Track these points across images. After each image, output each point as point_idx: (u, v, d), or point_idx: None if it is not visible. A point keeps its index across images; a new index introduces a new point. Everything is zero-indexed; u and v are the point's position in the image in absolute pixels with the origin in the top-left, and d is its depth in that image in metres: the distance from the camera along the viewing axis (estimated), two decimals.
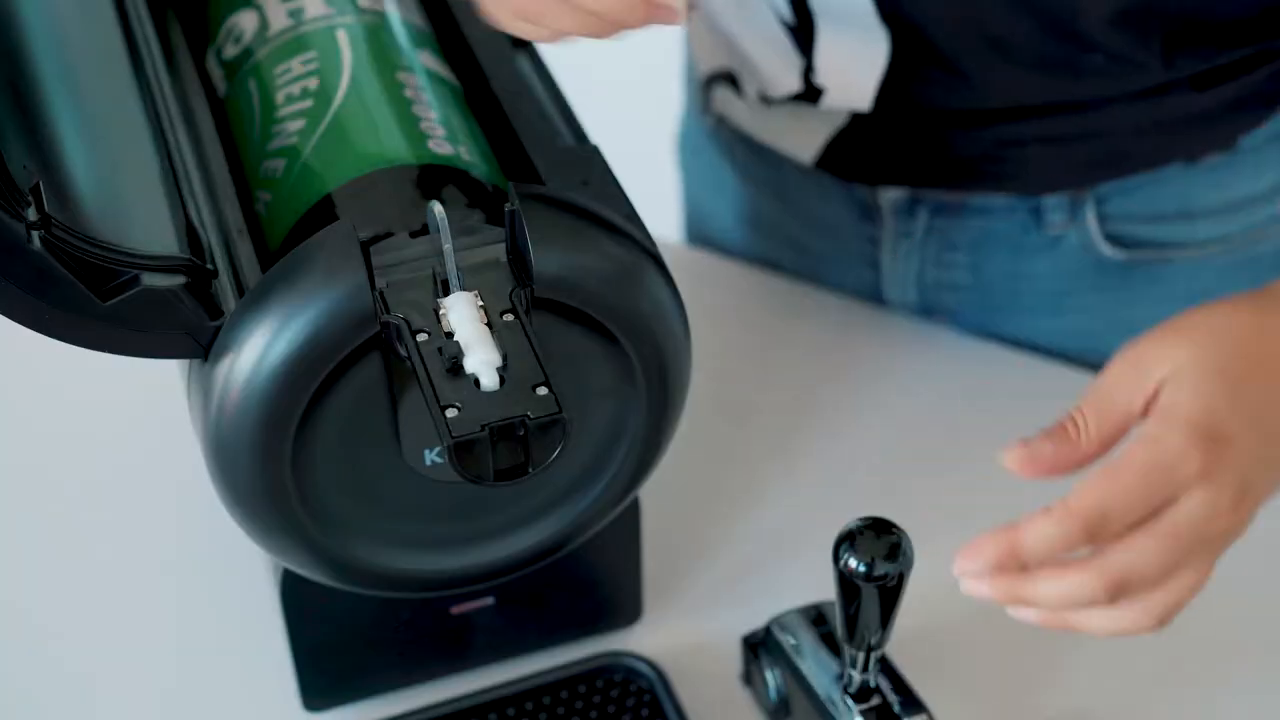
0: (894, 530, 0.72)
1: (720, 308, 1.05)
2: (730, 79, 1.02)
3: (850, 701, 0.76)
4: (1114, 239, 0.97)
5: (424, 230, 0.70)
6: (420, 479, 0.71)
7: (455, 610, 0.81)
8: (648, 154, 1.60)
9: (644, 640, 0.86)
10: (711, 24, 1.00)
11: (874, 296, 1.07)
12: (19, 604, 0.91)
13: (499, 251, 0.67)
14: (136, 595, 0.90)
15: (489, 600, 0.81)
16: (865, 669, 0.75)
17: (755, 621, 0.85)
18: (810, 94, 0.95)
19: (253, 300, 0.65)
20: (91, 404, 1.00)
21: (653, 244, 0.71)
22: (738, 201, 1.10)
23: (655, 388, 0.71)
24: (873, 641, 0.74)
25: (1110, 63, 0.89)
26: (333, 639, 0.81)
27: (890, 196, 1.00)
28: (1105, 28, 0.86)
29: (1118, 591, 0.62)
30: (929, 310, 1.05)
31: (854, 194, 1.02)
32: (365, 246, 0.65)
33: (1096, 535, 0.61)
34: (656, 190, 1.22)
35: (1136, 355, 0.65)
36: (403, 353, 0.64)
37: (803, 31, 0.92)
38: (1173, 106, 0.92)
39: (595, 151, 0.76)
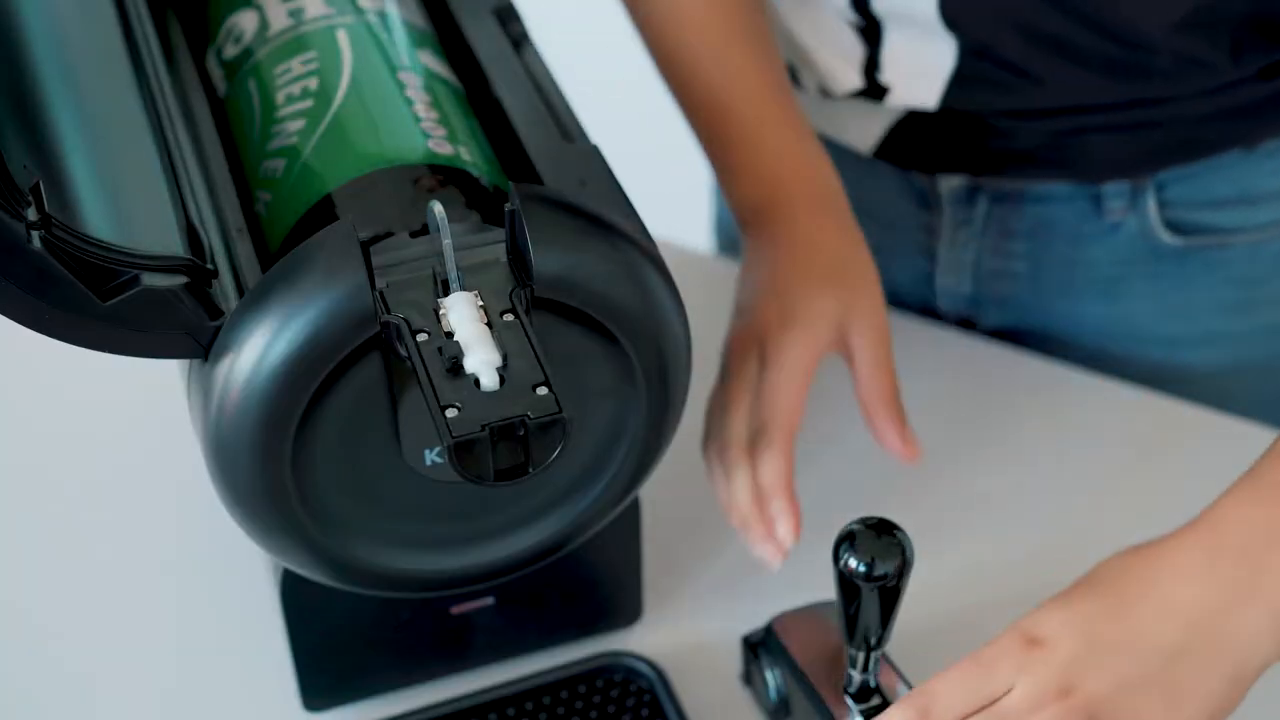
0: (894, 530, 0.72)
1: (720, 308, 1.05)
2: (790, 72, 1.02)
3: (850, 702, 0.76)
4: (1173, 225, 0.97)
5: (424, 230, 0.70)
6: (420, 479, 0.71)
7: (455, 610, 0.81)
8: (648, 154, 1.60)
9: (644, 640, 0.86)
10: (770, 17, 1.00)
11: (926, 286, 1.07)
12: (19, 604, 0.91)
13: (499, 251, 0.67)
14: (136, 595, 0.90)
15: (489, 600, 0.81)
16: (865, 669, 0.75)
17: (755, 621, 0.85)
18: (873, 91, 0.96)
19: (253, 300, 0.65)
20: (91, 404, 1.00)
21: (652, 244, 0.71)
22: None
23: (655, 388, 0.71)
24: (873, 641, 0.74)
25: (1176, 63, 0.89)
26: (333, 639, 0.81)
27: (950, 185, 1.00)
28: (1171, 32, 0.87)
29: None
30: (979, 300, 1.05)
31: (912, 183, 1.02)
32: (365, 246, 0.65)
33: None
34: (657, 190, 1.22)
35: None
36: (403, 353, 0.64)
37: (870, 32, 0.93)
38: (1238, 96, 0.92)
39: (595, 151, 0.76)
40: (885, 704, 0.76)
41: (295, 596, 0.78)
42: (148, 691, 0.86)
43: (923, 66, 0.93)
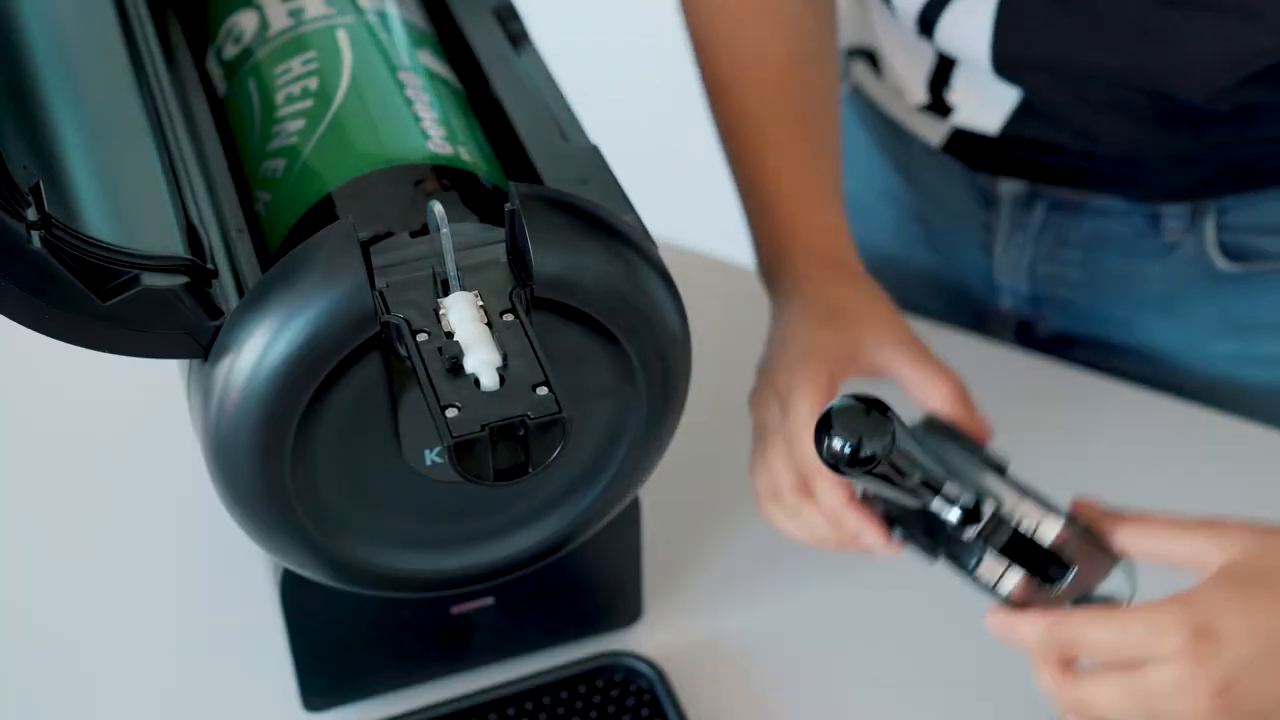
0: (879, 406, 0.67)
1: (720, 308, 1.05)
2: (871, 57, 1.03)
3: (960, 523, 0.72)
4: (1229, 250, 0.97)
5: (424, 230, 0.70)
6: (420, 479, 0.71)
7: (455, 610, 0.81)
8: (648, 154, 1.60)
9: (644, 640, 0.86)
10: (860, 4, 1.01)
11: (988, 283, 1.07)
12: (19, 604, 0.91)
13: (499, 251, 0.67)
14: (136, 595, 0.90)
15: (489, 600, 0.81)
16: (955, 498, 0.71)
17: (755, 621, 0.85)
18: (938, 107, 0.98)
19: (253, 300, 0.65)
20: (91, 404, 1.00)
21: (652, 244, 0.71)
22: (867, 170, 1.11)
23: (655, 388, 0.71)
24: (936, 484, 0.70)
25: (1236, 111, 0.89)
26: (333, 639, 0.81)
27: (1010, 188, 1.01)
28: (1233, 89, 0.87)
29: (1074, 710, 0.69)
30: (1039, 300, 1.05)
31: (976, 181, 1.03)
32: (365, 246, 0.65)
33: (1066, 651, 0.68)
34: (657, 190, 1.22)
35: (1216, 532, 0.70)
36: (403, 353, 0.64)
37: (942, 62, 0.95)
38: None
39: (595, 151, 0.76)
40: (995, 516, 0.72)
41: (295, 596, 0.78)
42: (148, 691, 0.86)
43: (987, 99, 0.94)
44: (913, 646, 0.87)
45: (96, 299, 0.65)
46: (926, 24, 0.91)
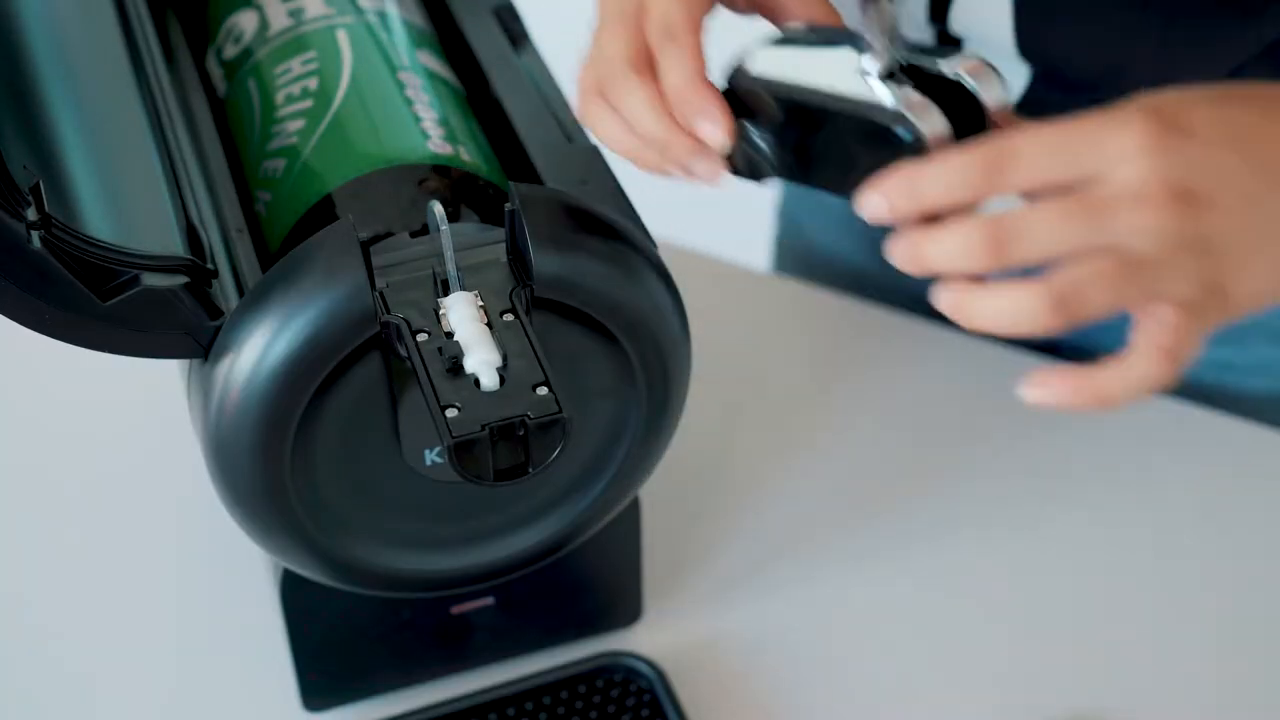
0: None
1: (720, 308, 1.05)
2: None
3: (882, 86, 0.59)
4: None
5: (424, 230, 0.70)
6: (420, 479, 0.71)
7: (455, 610, 0.81)
8: None
9: (644, 640, 0.86)
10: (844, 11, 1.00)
11: None
12: (19, 604, 0.91)
13: (499, 251, 0.67)
14: (136, 595, 0.90)
15: (489, 600, 0.81)
16: (890, 38, 0.59)
17: (755, 622, 0.85)
18: None
19: (253, 300, 0.65)
20: (91, 404, 1.00)
21: (652, 244, 0.71)
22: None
23: (655, 388, 0.71)
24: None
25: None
26: (333, 639, 0.81)
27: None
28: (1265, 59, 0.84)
29: (1000, 249, 0.54)
30: None
31: None
32: (365, 246, 0.65)
33: (996, 177, 0.54)
34: (657, 191, 1.22)
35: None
36: (403, 353, 0.64)
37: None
38: None
39: (595, 151, 0.76)
40: (938, 73, 0.60)
41: (295, 596, 0.78)
42: (148, 691, 0.86)
43: None
44: (913, 646, 0.87)
45: (96, 299, 0.65)
46: (939, 9, 0.89)
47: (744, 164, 0.67)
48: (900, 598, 0.89)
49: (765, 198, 1.16)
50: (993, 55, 0.90)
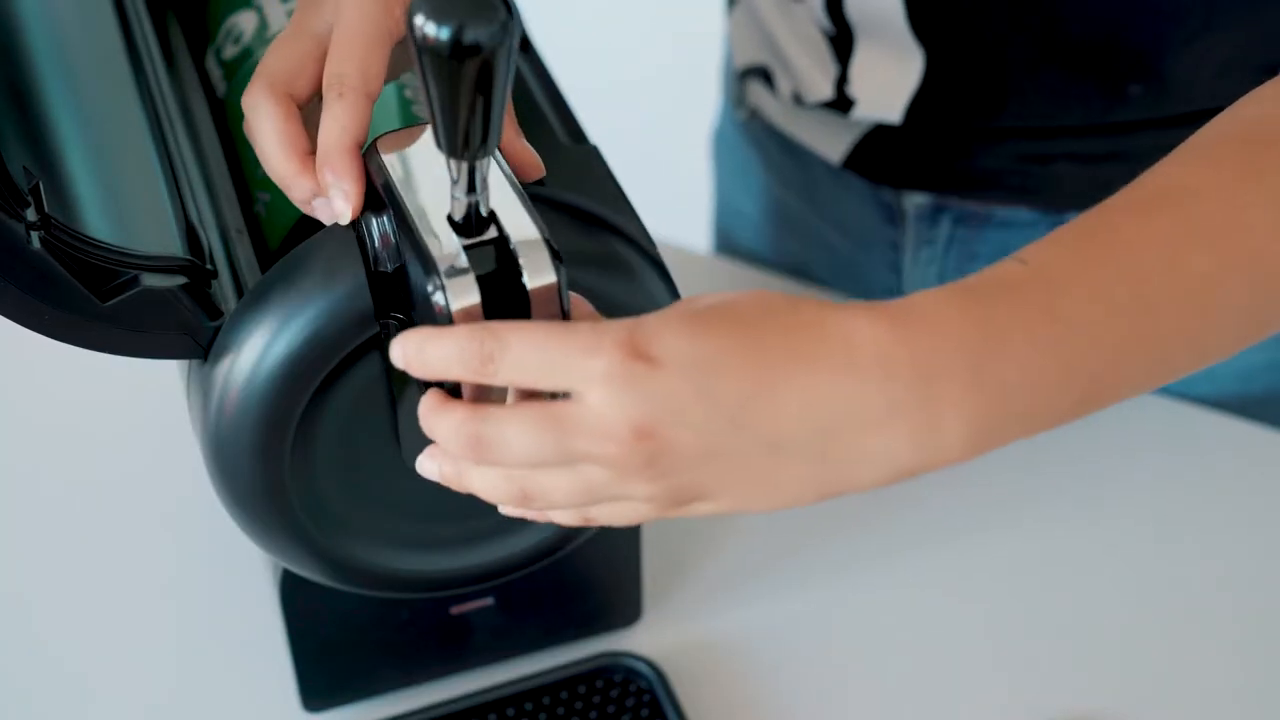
0: None
1: None
2: (765, 75, 1.02)
3: (449, 230, 0.58)
4: None
5: None
6: (420, 479, 0.70)
7: (455, 610, 0.81)
8: (648, 155, 1.60)
9: (644, 640, 0.86)
10: (753, 18, 1.00)
11: (898, 295, 1.06)
12: (18, 604, 0.91)
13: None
14: (136, 595, 0.90)
15: (489, 600, 0.81)
16: (471, 187, 0.57)
17: (755, 621, 0.85)
18: (841, 103, 0.95)
19: (252, 300, 0.65)
20: (91, 404, 1.00)
21: (652, 244, 0.71)
22: (768, 200, 1.10)
23: None
24: (475, 142, 0.54)
25: (1152, 88, 0.88)
26: (333, 639, 0.81)
27: (914, 201, 1.00)
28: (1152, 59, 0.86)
29: (480, 451, 0.56)
30: None
31: (880, 196, 1.02)
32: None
33: (487, 366, 0.54)
34: (657, 191, 1.22)
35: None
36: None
37: (841, 42, 0.92)
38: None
39: (595, 152, 0.76)
40: (502, 239, 0.58)
41: (295, 596, 0.78)
42: (147, 691, 0.86)
43: (889, 80, 0.92)
44: (913, 646, 0.87)
45: (96, 299, 0.64)
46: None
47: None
48: (899, 598, 0.89)
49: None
50: (890, 38, 0.89)
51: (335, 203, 0.62)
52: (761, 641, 0.87)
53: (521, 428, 0.54)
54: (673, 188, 1.60)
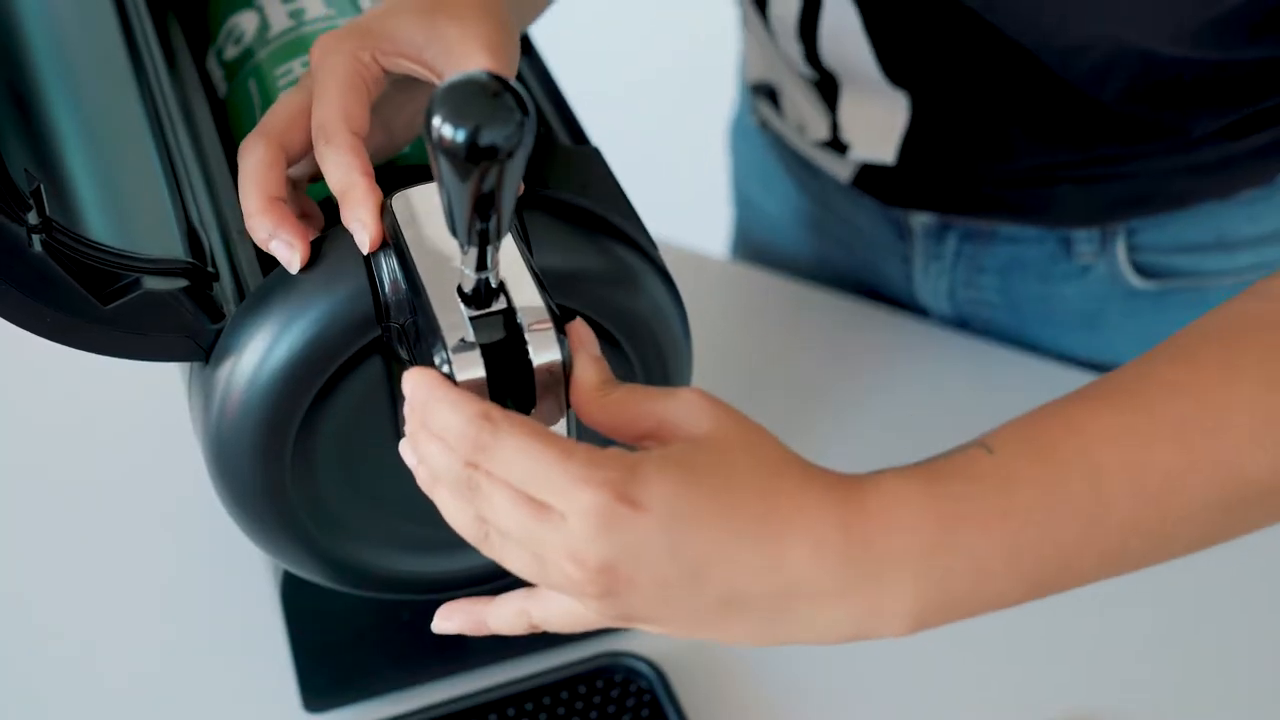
0: (509, 89, 0.53)
1: (720, 308, 1.06)
2: (773, 96, 1.02)
3: (460, 302, 0.60)
4: (1144, 270, 0.96)
5: None
6: None
7: None
8: (649, 156, 1.60)
9: (644, 640, 0.86)
10: (761, 43, 1.00)
11: (912, 299, 1.07)
12: (19, 604, 0.91)
13: None
14: (137, 595, 0.90)
15: None
16: (483, 264, 0.58)
17: None
18: (837, 145, 0.97)
19: (253, 303, 0.65)
20: (92, 405, 1.00)
21: (653, 245, 0.71)
22: (786, 197, 1.11)
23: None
24: (490, 231, 0.56)
25: (1133, 126, 0.89)
26: (333, 639, 0.81)
27: (921, 220, 1.01)
28: (1121, 100, 0.86)
29: (478, 538, 0.59)
30: (964, 320, 1.05)
31: (888, 213, 1.03)
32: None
33: (480, 455, 0.56)
34: (658, 192, 1.22)
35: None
36: (404, 356, 0.65)
37: (826, 87, 0.93)
38: (1207, 154, 0.91)
39: (596, 153, 0.76)
40: (510, 311, 0.60)
41: (295, 596, 0.78)
42: (148, 691, 0.86)
43: (878, 123, 0.93)
44: (912, 647, 0.87)
45: (97, 302, 0.65)
46: (808, 38, 0.90)
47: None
48: None
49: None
50: (870, 83, 0.90)
51: (356, 231, 0.64)
52: None
53: (512, 516, 0.56)
54: (687, 192, 1.61)
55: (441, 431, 0.57)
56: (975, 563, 0.58)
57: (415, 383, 0.57)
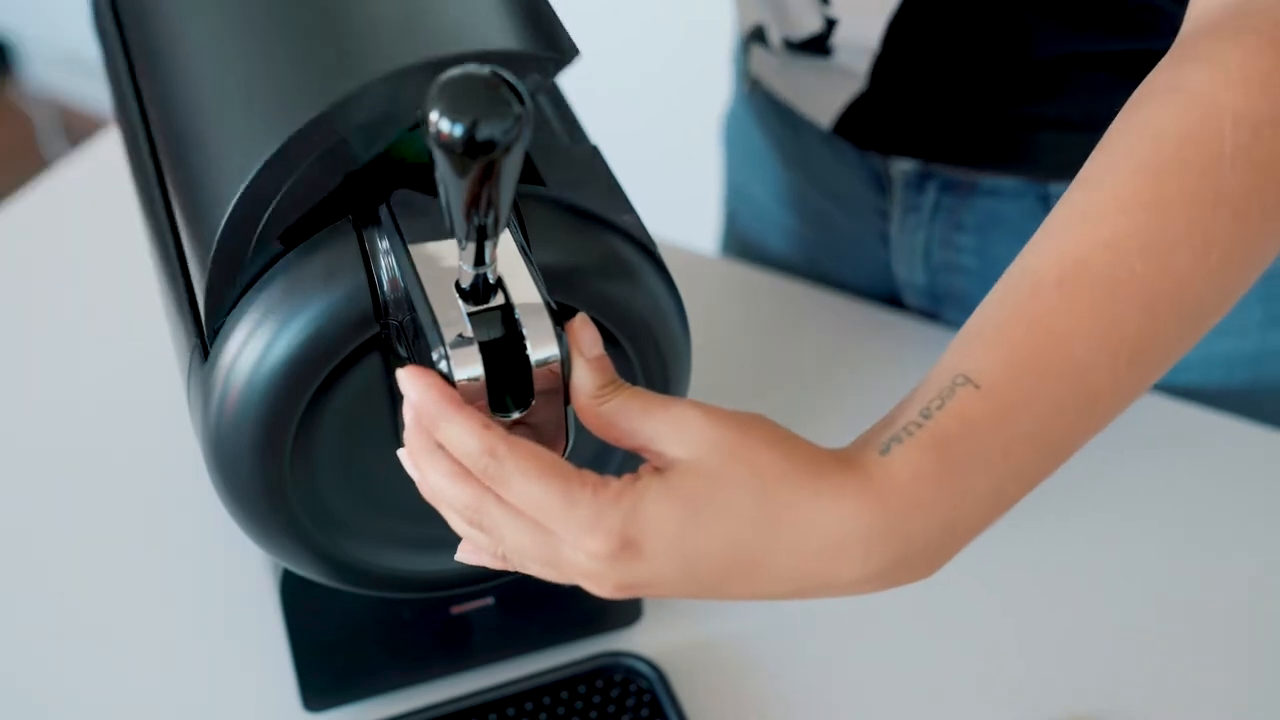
0: (506, 81, 0.52)
1: (721, 308, 1.05)
2: (763, 35, 1.02)
3: (459, 298, 0.60)
4: None
5: None
6: None
7: (455, 610, 0.81)
8: (649, 156, 1.60)
9: (644, 640, 0.86)
10: None
11: (887, 279, 1.07)
12: (18, 604, 0.91)
13: None
14: (136, 595, 0.90)
15: (489, 600, 0.81)
16: (479, 260, 0.58)
17: (755, 621, 0.85)
18: (825, 39, 0.95)
19: (252, 300, 0.65)
20: (92, 404, 1.00)
21: (652, 244, 0.71)
22: (773, 177, 1.12)
23: (655, 388, 0.71)
24: (488, 225, 0.56)
25: (1147, 19, 0.88)
26: (333, 639, 0.81)
27: (901, 168, 1.01)
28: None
29: (475, 522, 0.59)
30: (938, 294, 1.05)
31: (868, 163, 1.03)
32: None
33: (487, 474, 0.58)
34: (658, 191, 1.22)
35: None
36: (402, 353, 0.64)
37: None
38: None
39: (595, 152, 0.76)
40: (508, 306, 0.60)
41: (295, 596, 0.78)
42: (147, 691, 0.86)
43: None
44: (912, 647, 0.87)
45: None
46: None
47: None
48: (899, 598, 0.88)
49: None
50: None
51: None
52: (761, 641, 0.87)
53: (524, 538, 0.58)
54: (679, 191, 1.61)
55: (449, 447, 0.58)
56: (985, 501, 0.59)
57: (416, 395, 0.58)
